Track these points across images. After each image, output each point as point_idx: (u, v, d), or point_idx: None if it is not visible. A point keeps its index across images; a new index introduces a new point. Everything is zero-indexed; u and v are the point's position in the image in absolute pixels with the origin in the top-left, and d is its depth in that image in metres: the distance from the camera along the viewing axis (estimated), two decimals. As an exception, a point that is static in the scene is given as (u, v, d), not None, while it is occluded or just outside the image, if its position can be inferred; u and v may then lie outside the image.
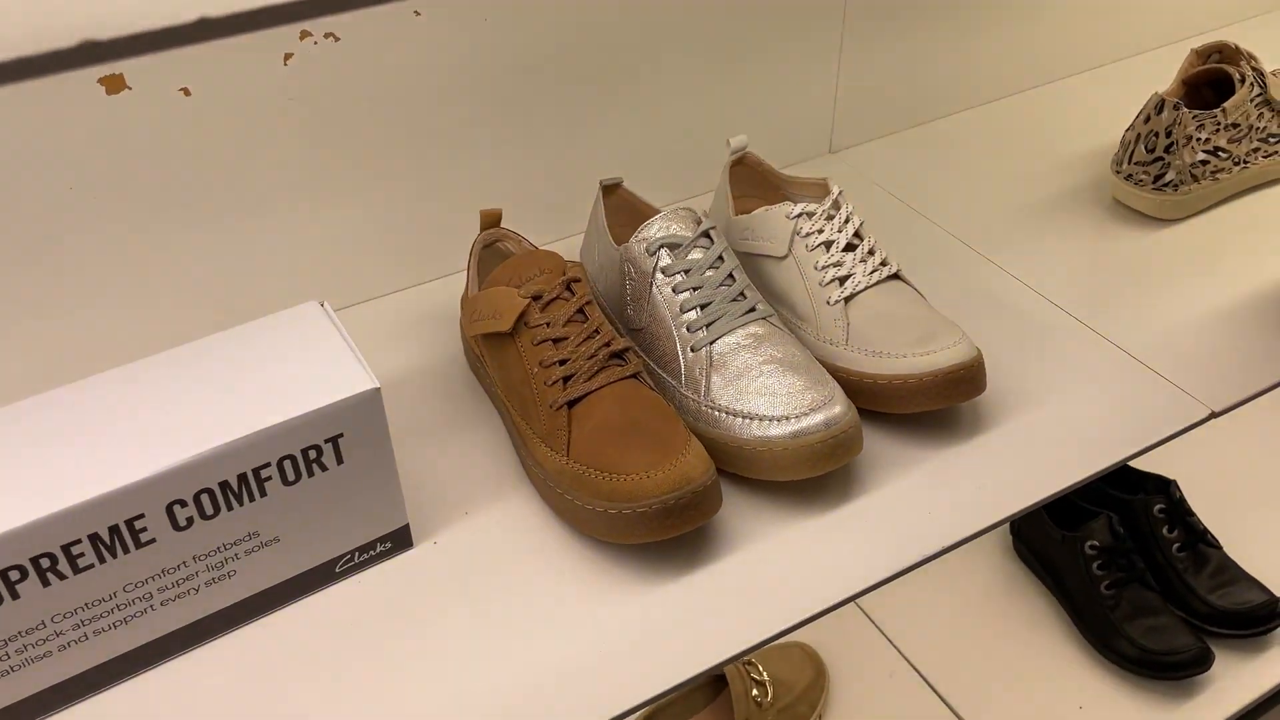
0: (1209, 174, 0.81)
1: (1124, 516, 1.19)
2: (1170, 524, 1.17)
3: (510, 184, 0.79)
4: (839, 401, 0.61)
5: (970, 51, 0.95)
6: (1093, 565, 1.14)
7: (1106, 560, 1.13)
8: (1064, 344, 0.73)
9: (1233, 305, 0.76)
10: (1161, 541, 1.16)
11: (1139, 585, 1.13)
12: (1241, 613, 1.11)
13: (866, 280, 0.68)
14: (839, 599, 0.58)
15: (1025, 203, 0.87)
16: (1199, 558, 1.17)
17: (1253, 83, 0.81)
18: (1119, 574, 1.13)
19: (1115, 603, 1.12)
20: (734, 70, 0.85)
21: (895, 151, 0.94)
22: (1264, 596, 1.11)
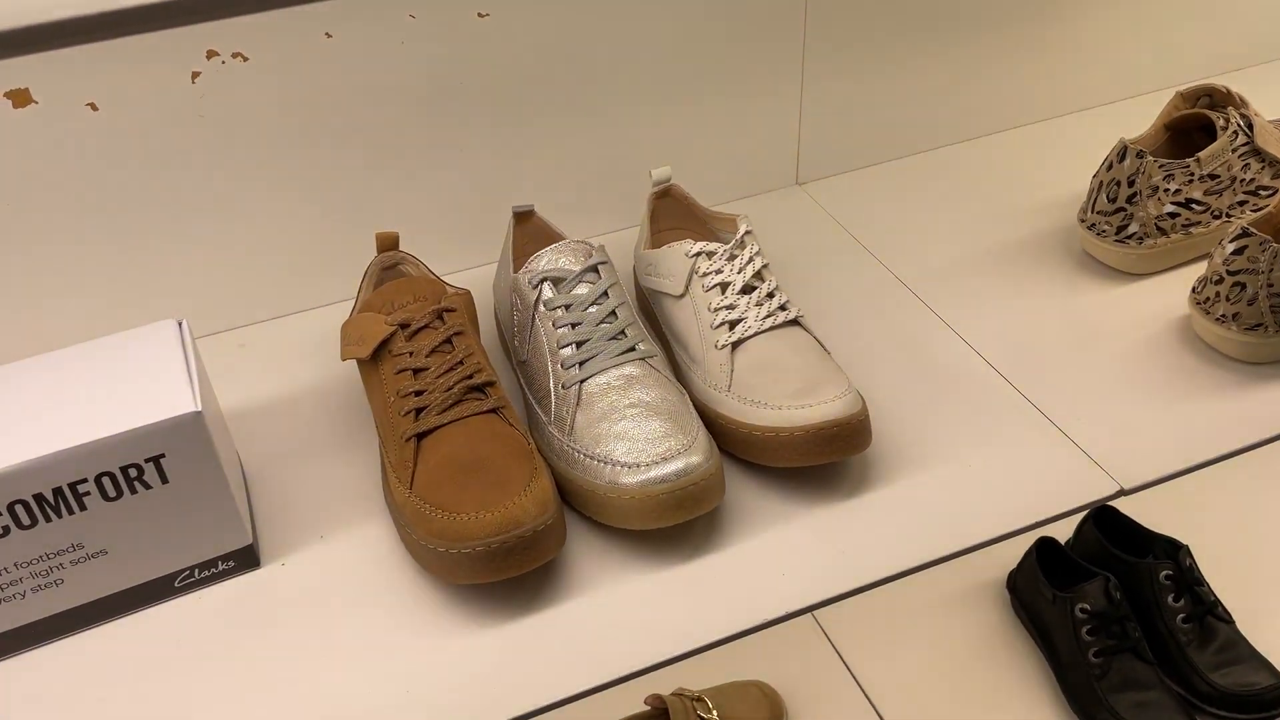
0: (1179, 227, 0.75)
1: (1128, 580, 1.11)
2: (1177, 592, 1.09)
3: (446, 206, 0.79)
4: (698, 451, 0.59)
5: (948, 89, 0.90)
6: (1082, 630, 1.07)
7: (1097, 626, 1.06)
8: (984, 403, 0.69)
9: (1171, 375, 0.70)
10: (1165, 611, 1.08)
11: (1131, 655, 1.05)
12: (1244, 696, 1.03)
13: (758, 325, 0.65)
14: (665, 657, 0.56)
15: (986, 249, 0.82)
16: (1206, 631, 1.08)
17: (1236, 131, 0.75)
18: (1109, 641, 1.06)
19: (1103, 672, 1.05)
20: (697, 99, 0.83)
21: (861, 187, 0.90)
22: (1271, 680, 1.03)
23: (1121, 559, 1.14)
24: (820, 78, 0.85)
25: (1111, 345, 0.72)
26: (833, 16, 0.82)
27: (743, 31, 0.81)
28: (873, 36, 0.85)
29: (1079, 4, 0.90)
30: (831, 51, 0.84)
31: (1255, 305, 0.66)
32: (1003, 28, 0.89)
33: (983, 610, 1.17)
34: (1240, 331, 0.67)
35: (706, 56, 0.81)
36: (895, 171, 0.91)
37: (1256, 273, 0.65)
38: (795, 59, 0.84)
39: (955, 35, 0.88)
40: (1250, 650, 1.07)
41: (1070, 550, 1.24)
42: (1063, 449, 0.65)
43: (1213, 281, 0.68)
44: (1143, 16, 0.93)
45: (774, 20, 0.81)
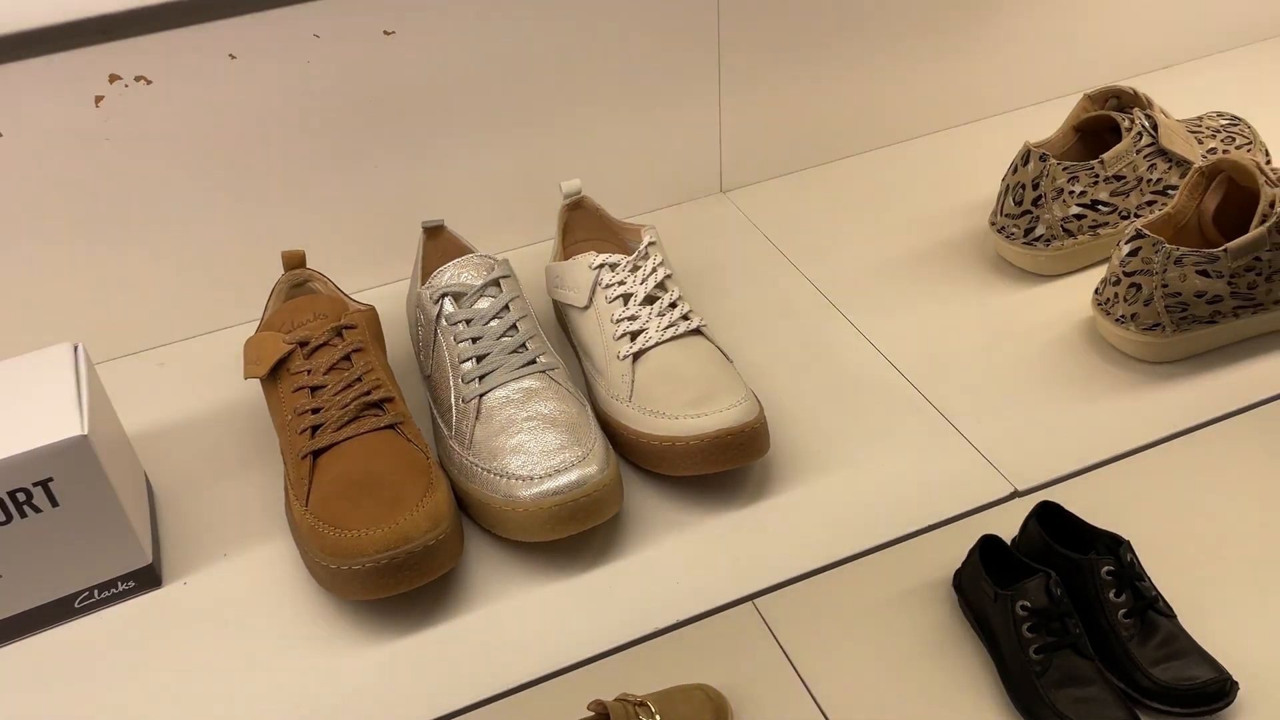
0: (1086, 228, 0.75)
1: (1071, 576, 1.12)
2: (1118, 588, 1.09)
3: (361, 223, 0.80)
4: (594, 462, 0.60)
5: (866, 95, 0.91)
6: (1023, 627, 1.07)
7: (1037, 623, 1.07)
8: (888, 408, 0.69)
9: (1075, 376, 0.70)
10: (1107, 606, 1.09)
11: (1072, 652, 1.06)
12: (1185, 690, 1.03)
13: (659, 335, 0.66)
14: (559, 667, 0.56)
15: (901, 253, 0.82)
16: (1147, 626, 1.09)
17: (1141, 132, 0.75)
18: (1050, 638, 1.06)
19: (1043, 669, 1.06)
20: (616, 110, 0.83)
21: (783, 194, 0.90)
22: (1212, 674, 1.03)
23: (1064, 555, 1.14)
24: (737, 86, 0.86)
25: (1019, 347, 0.73)
26: (745, 26, 0.83)
27: (656, 42, 0.82)
28: (786, 45, 0.85)
29: (992, 11, 0.91)
30: (747, 60, 0.85)
31: (1151, 306, 0.67)
32: (918, 35, 0.89)
33: (931, 608, 1.18)
34: (1139, 332, 0.68)
35: (622, 67, 0.82)
36: (817, 178, 0.92)
37: (1151, 274, 0.66)
38: (711, 68, 0.84)
39: (870, 43, 0.88)
40: (1191, 644, 1.07)
41: (1016, 547, 1.25)
42: (961, 452, 0.66)
43: (1111, 283, 0.69)
44: (1055, 22, 0.94)
45: (687, 30, 0.82)
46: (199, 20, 0.68)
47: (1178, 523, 1.22)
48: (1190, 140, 0.78)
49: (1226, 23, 1.01)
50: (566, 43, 0.79)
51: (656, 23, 0.81)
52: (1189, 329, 0.68)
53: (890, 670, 1.15)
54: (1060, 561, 1.14)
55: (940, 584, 1.22)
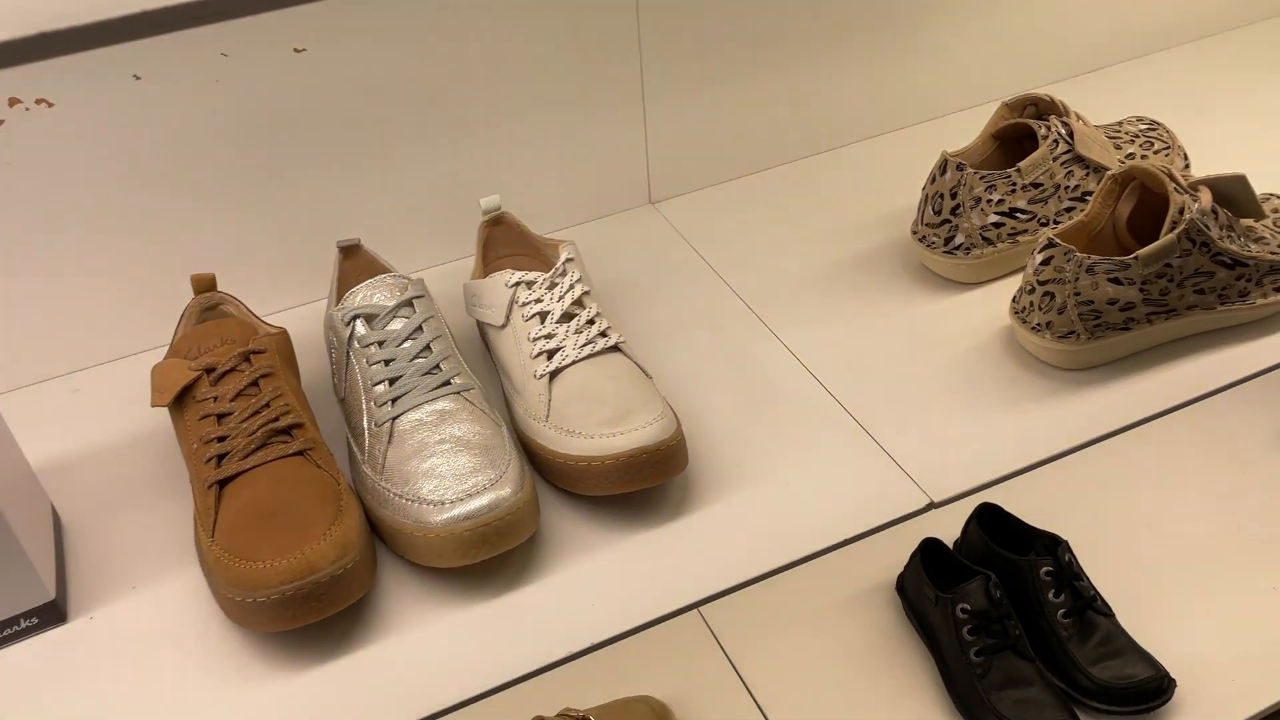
0: (1005, 236, 0.76)
1: (1010, 577, 1.13)
2: (1057, 588, 1.10)
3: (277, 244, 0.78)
4: (507, 485, 0.59)
5: (792, 104, 0.91)
6: (963, 630, 1.08)
7: (978, 625, 1.08)
8: (809, 421, 0.69)
9: (994, 385, 0.71)
10: (1046, 606, 1.10)
11: (1012, 653, 1.07)
12: (1123, 688, 1.04)
13: (576, 353, 0.65)
14: (473, 694, 0.56)
15: (827, 263, 0.82)
16: (1086, 625, 1.10)
17: (1057, 139, 0.76)
18: (990, 640, 1.07)
19: (984, 671, 1.06)
20: (540, 123, 0.83)
21: (711, 204, 0.90)
22: (1149, 672, 1.04)
23: (1004, 557, 1.15)
24: (662, 97, 0.86)
25: (940, 356, 0.73)
26: (666, 36, 0.83)
27: (577, 54, 0.81)
28: (709, 56, 0.85)
29: (915, 19, 0.91)
30: (670, 71, 0.85)
31: (1065, 314, 0.67)
32: (841, 44, 0.90)
33: (875, 612, 1.18)
34: (1054, 340, 0.68)
35: (542, 80, 0.81)
36: (745, 188, 0.91)
37: (1064, 282, 0.67)
38: (634, 79, 0.84)
39: (794, 52, 0.88)
40: (1129, 642, 1.09)
41: (957, 549, 1.26)
42: (879, 464, 0.66)
43: (1026, 291, 0.69)
44: (978, 29, 0.94)
45: (607, 42, 0.81)
46: (102, 43, 0.67)
47: (1113, 522, 1.24)
48: (1107, 146, 0.79)
49: (1147, 27, 1.02)
50: (485, 57, 0.78)
51: (576, 35, 0.80)
52: (1103, 336, 0.68)
53: (834, 674, 1.16)
54: (1000, 563, 1.15)
55: (884, 587, 1.23)
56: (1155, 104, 0.96)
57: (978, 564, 1.20)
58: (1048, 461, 0.65)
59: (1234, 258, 0.68)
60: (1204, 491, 1.29)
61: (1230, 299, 0.70)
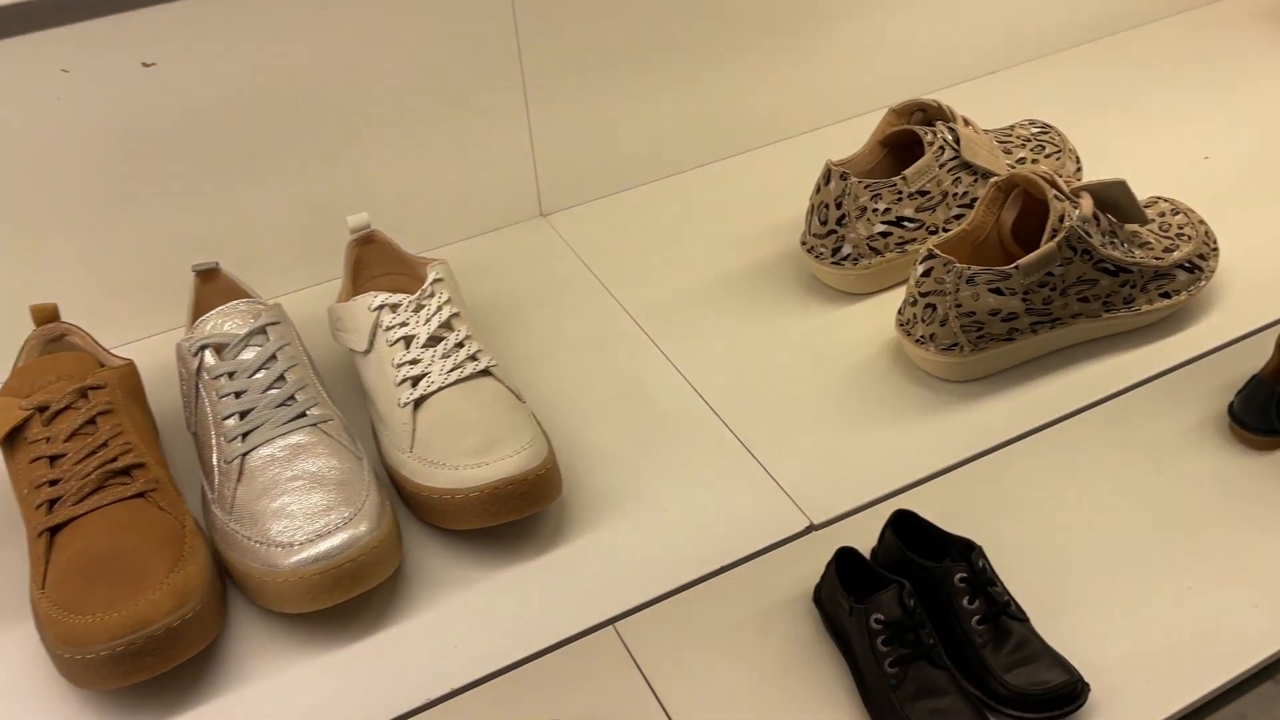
0: (893, 246, 0.74)
1: (926, 584, 1.12)
2: (971, 594, 1.09)
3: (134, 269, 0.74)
4: (364, 522, 0.56)
5: (683, 113, 0.88)
6: (877, 640, 1.07)
7: (891, 635, 1.06)
8: (693, 442, 0.67)
9: (881, 399, 0.69)
10: (961, 614, 1.09)
11: (926, 663, 1.05)
12: (1036, 695, 1.04)
13: (442, 379, 0.62)
14: (324, 750, 0.53)
15: (718, 276, 0.80)
16: (1000, 632, 1.09)
17: (943, 145, 0.74)
18: (904, 650, 1.06)
19: (898, 682, 1.05)
20: (421, 135, 0.80)
21: (603, 216, 0.88)
22: (1063, 677, 1.04)
23: (919, 564, 1.14)
24: (546, 106, 0.83)
25: (828, 370, 0.71)
26: (546, 45, 0.80)
27: (453, 62, 0.78)
28: (593, 64, 0.82)
29: (808, 25, 0.89)
30: (553, 79, 0.82)
31: (948, 326, 0.66)
32: (731, 52, 0.87)
33: (792, 623, 1.16)
34: (938, 352, 0.67)
35: (419, 89, 0.78)
36: (638, 199, 0.89)
37: (944, 294, 0.65)
38: (516, 89, 0.81)
39: (684, 61, 0.86)
40: (1043, 648, 1.08)
41: (874, 556, 1.25)
42: (760, 486, 0.64)
43: (910, 304, 0.68)
44: (870, 34, 0.92)
45: (484, 51, 0.78)
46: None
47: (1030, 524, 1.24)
48: (995, 152, 0.77)
49: (1041, 30, 1.01)
50: (356, 68, 0.75)
51: (451, 43, 0.77)
52: (987, 347, 0.67)
53: (750, 689, 1.13)
54: (916, 570, 1.14)
55: (802, 598, 1.22)
56: (1049, 107, 0.95)
57: (894, 571, 1.18)
58: (931, 478, 0.64)
59: (1117, 264, 0.67)
60: (1121, 490, 1.29)
61: (1115, 306, 0.69)
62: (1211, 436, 1.36)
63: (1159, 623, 1.14)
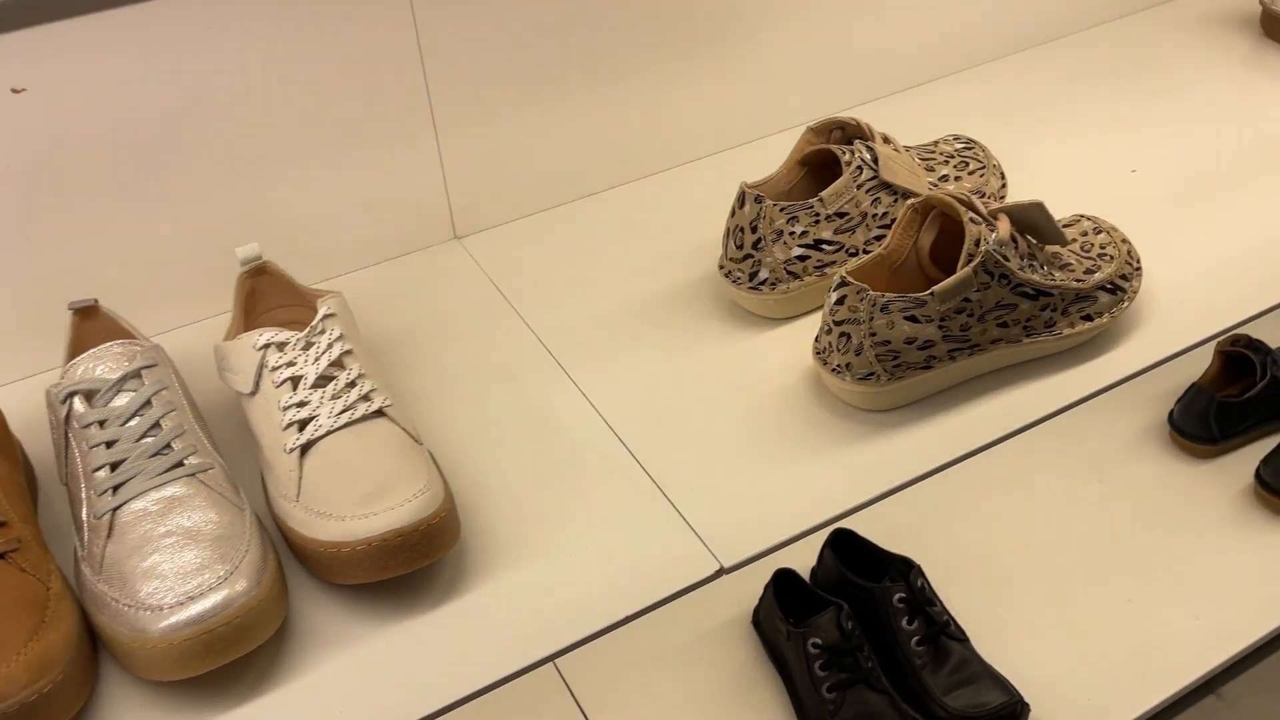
0: (812, 269, 0.72)
1: (865, 605, 1.10)
2: (910, 615, 1.07)
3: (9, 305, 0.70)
4: (241, 581, 0.52)
5: (598, 132, 0.85)
6: (815, 665, 1.04)
7: (829, 660, 1.04)
8: (603, 480, 0.64)
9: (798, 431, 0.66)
10: (900, 635, 1.07)
11: (864, 687, 1.03)
12: (976, 717, 1.02)
13: (332, 423, 0.59)
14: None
15: (635, 301, 0.77)
16: (940, 652, 1.07)
17: (861, 165, 0.72)
18: (842, 675, 1.04)
19: (836, 708, 1.03)
20: (326, 158, 0.76)
21: (522, 238, 0.85)
22: (1003, 697, 1.01)
23: (858, 584, 1.12)
24: (455, 126, 0.80)
25: (745, 400, 0.69)
26: (451, 61, 0.77)
27: (357, 87, 0.75)
28: (503, 81, 0.79)
29: (729, 39, 0.87)
30: (461, 98, 0.79)
31: (863, 355, 0.63)
32: (649, 68, 0.85)
33: (731, 648, 1.13)
34: (855, 382, 0.64)
35: (320, 111, 0.74)
36: (555, 219, 0.86)
37: (858, 323, 0.63)
38: (422, 109, 0.78)
39: (600, 77, 0.83)
40: (983, 668, 1.06)
41: (815, 577, 1.23)
42: (671, 527, 0.61)
43: (825, 332, 0.65)
44: (794, 48, 0.90)
45: (388, 73, 0.75)
46: None
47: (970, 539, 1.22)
48: (916, 170, 0.75)
49: (967, 41, 1.00)
50: (253, 89, 0.71)
51: (352, 65, 0.73)
52: (904, 376, 0.64)
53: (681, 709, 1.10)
54: (855, 590, 1.12)
55: (742, 620, 1.19)
56: (976, 119, 0.94)
57: (833, 592, 1.16)
58: (850, 513, 0.62)
59: (1037, 288, 0.65)
60: (1062, 502, 1.28)
61: (1036, 330, 0.67)
62: (1153, 446, 1.35)
63: (1100, 638, 1.12)
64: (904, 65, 0.97)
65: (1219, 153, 0.88)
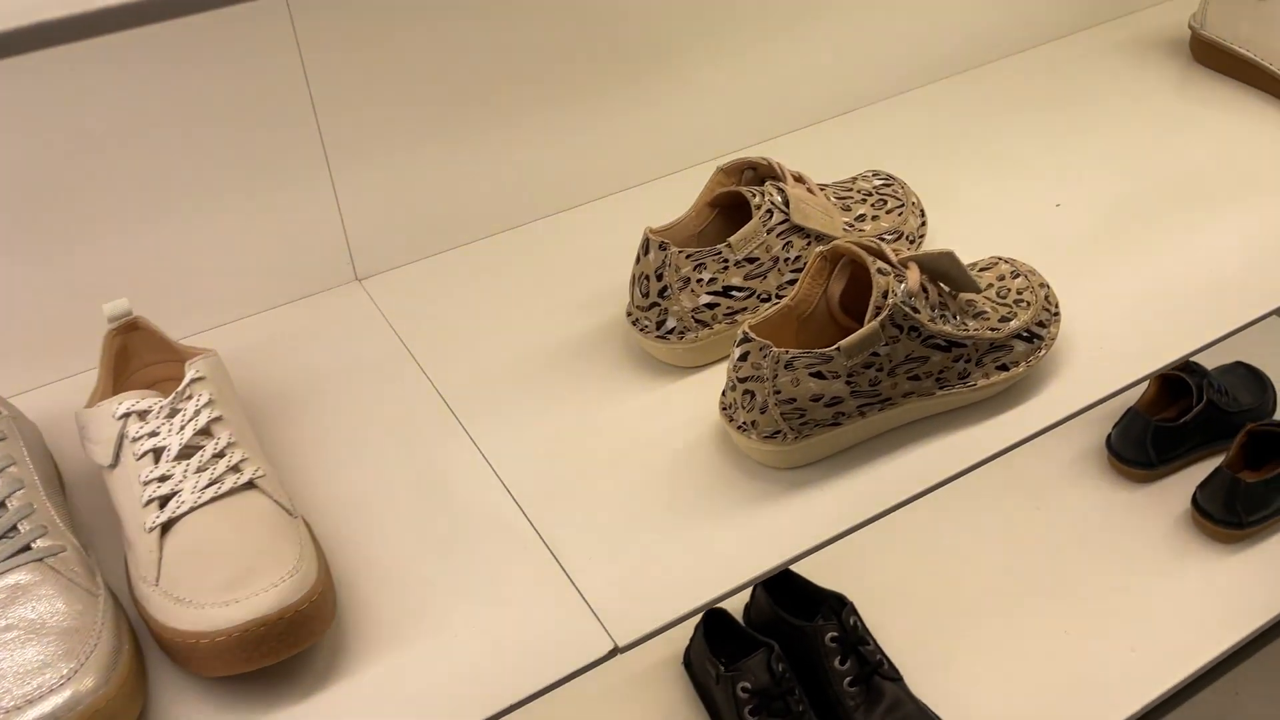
0: (722, 317, 0.69)
1: (797, 645, 1.07)
2: (843, 654, 1.05)
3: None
4: (90, 675, 0.48)
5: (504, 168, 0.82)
6: (745, 710, 1.02)
7: (760, 704, 1.01)
8: (497, 551, 0.61)
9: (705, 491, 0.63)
10: (833, 675, 1.04)
11: (796, 730, 1.01)
12: (902, 757, 1.00)
13: (195, 498, 0.55)
14: None
15: (544, 347, 0.74)
16: (873, 692, 1.05)
17: (771, 209, 0.69)
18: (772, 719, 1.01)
19: (767, 754, 1.00)
20: (213, 197, 0.72)
21: (426, 279, 0.81)
22: (936, 737, 1.00)
23: (789, 623, 1.09)
24: (350, 165, 0.76)
25: (651, 457, 0.66)
26: (343, 96, 0.73)
27: (244, 125, 0.70)
28: (396, 120, 0.75)
29: (640, 73, 0.83)
30: (354, 136, 0.75)
31: (768, 413, 0.60)
32: (557, 101, 0.81)
33: (660, 691, 1.11)
34: (761, 440, 0.61)
35: (208, 156, 0.70)
36: (461, 259, 0.82)
37: (762, 380, 0.60)
38: (314, 145, 0.74)
39: (506, 110, 0.80)
40: (917, 708, 1.04)
41: (747, 614, 1.20)
42: (567, 602, 0.58)
43: (730, 388, 0.62)
44: (709, 80, 0.87)
45: (275, 108, 0.71)
46: None
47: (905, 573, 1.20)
48: (830, 212, 0.72)
49: (891, 68, 0.97)
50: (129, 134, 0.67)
51: (237, 102, 0.69)
52: (812, 434, 0.61)
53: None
54: (787, 629, 1.09)
55: (673, 661, 1.16)
56: (898, 151, 0.91)
57: (766, 630, 1.14)
58: (751, 584, 0.58)
59: (949, 339, 0.62)
60: (1000, 529, 1.26)
61: (949, 382, 0.64)
62: (1091, 469, 1.34)
63: (1036, 673, 1.11)
64: (826, 95, 0.94)
65: (1147, 184, 0.86)
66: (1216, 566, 1.18)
